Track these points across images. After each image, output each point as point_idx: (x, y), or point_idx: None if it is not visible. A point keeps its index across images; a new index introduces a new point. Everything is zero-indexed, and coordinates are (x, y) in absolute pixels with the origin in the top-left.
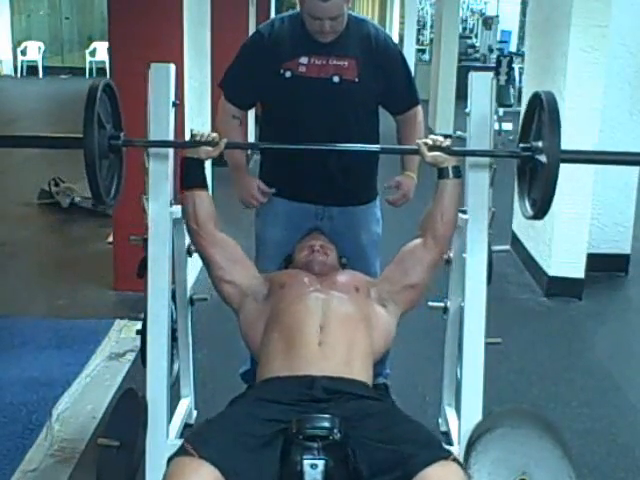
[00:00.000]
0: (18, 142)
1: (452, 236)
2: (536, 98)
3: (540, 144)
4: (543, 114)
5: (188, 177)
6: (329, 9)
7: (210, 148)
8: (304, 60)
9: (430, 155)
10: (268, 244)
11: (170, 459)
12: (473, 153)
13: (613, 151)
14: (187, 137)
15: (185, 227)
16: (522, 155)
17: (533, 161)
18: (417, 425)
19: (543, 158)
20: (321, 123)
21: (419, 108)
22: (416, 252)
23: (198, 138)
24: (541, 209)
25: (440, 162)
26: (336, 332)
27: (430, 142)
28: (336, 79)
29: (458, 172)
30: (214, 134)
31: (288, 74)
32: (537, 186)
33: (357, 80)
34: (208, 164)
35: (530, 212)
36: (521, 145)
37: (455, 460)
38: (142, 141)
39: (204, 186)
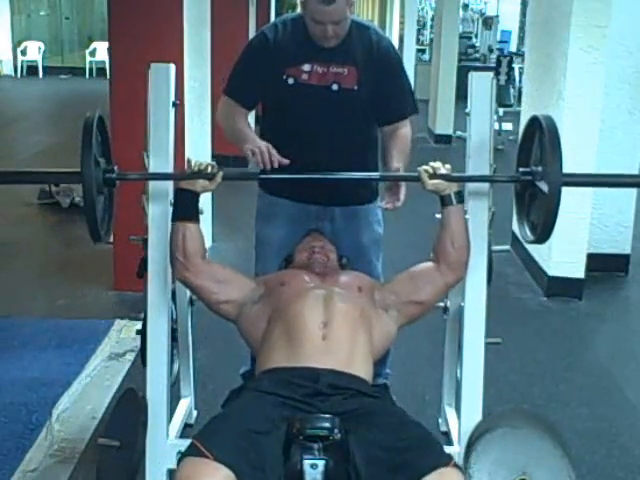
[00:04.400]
0: (14, 179)
1: (468, 260)
2: (534, 122)
3: (540, 169)
4: (543, 139)
5: (181, 209)
6: (332, 13)
7: (207, 182)
8: (307, 67)
9: (431, 183)
10: (268, 245)
11: (180, 459)
12: (473, 179)
13: (613, 174)
14: (187, 139)
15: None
16: (522, 180)
17: (533, 186)
18: (417, 427)
19: (544, 185)
20: (321, 129)
21: (407, 122)
22: (429, 274)
23: (195, 168)
24: (542, 234)
25: (441, 190)
26: (340, 328)
27: (430, 170)
28: (335, 87)
29: (461, 197)
30: (211, 164)
31: (291, 81)
32: (538, 211)
33: (356, 88)
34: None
35: (531, 237)
36: (520, 169)
37: (455, 465)
38: (137, 174)
39: (196, 219)
